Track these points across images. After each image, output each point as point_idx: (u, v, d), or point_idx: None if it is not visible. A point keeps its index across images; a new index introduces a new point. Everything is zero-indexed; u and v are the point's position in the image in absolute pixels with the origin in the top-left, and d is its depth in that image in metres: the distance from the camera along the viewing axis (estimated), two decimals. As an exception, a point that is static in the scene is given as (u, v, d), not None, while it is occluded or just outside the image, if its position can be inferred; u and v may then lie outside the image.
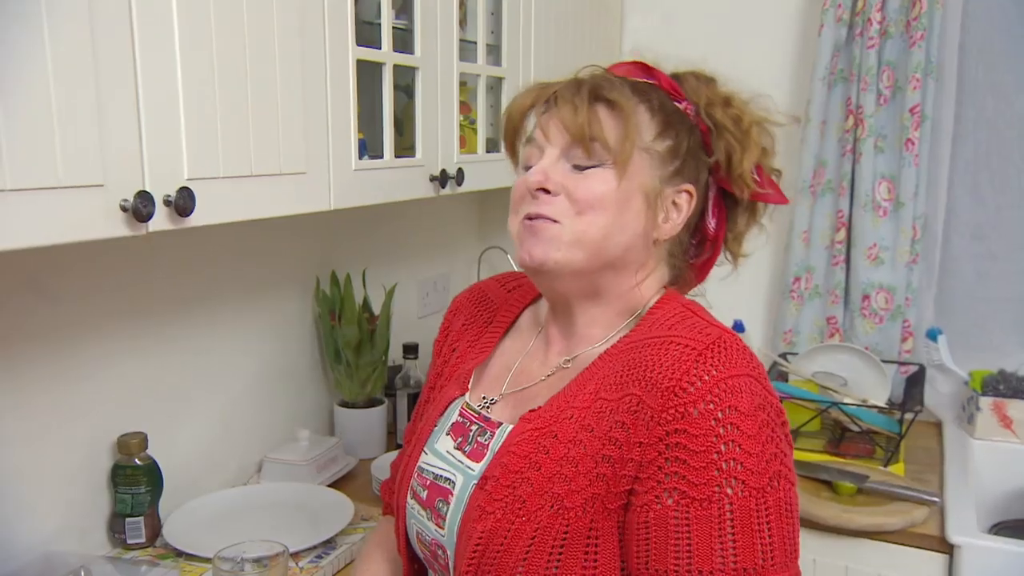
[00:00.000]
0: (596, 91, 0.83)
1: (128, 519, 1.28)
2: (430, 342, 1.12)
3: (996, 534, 1.65)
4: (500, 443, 0.86)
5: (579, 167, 0.83)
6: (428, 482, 0.90)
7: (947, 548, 1.43)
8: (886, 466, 1.68)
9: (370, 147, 1.33)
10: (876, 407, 1.77)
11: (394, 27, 1.29)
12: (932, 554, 1.45)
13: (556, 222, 0.82)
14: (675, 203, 0.87)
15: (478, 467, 0.86)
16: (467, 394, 0.94)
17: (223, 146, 0.98)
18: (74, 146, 0.80)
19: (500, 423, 0.88)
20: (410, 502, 0.92)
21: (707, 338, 0.78)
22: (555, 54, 1.78)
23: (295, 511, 1.40)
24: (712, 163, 0.89)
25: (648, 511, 0.75)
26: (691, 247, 0.93)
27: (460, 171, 1.46)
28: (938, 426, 1.94)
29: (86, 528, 1.27)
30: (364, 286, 1.73)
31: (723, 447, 0.73)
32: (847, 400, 1.78)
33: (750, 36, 2.09)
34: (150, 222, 0.88)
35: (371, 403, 1.72)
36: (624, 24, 2.16)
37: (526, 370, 0.93)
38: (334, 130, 1.17)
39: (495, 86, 1.64)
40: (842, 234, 1.98)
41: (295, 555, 1.25)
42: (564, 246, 0.82)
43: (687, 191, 0.87)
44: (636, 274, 0.87)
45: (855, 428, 1.78)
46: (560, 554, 0.77)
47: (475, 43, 1.53)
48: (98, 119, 0.83)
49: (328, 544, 1.29)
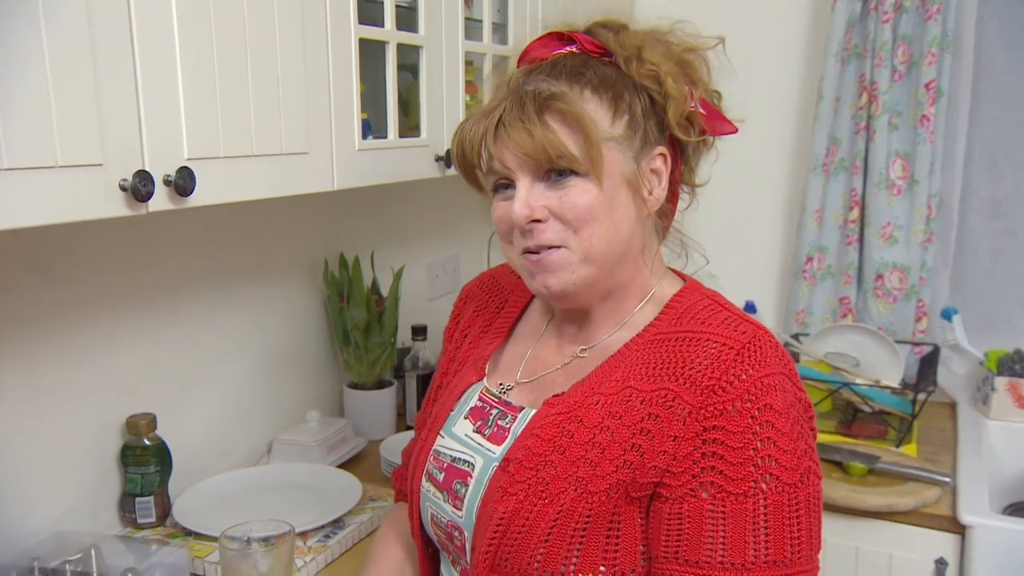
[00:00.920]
0: (541, 103, 0.79)
1: (138, 499, 1.29)
2: (439, 324, 1.12)
3: (1011, 515, 1.63)
4: (523, 426, 0.86)
5: (555, 183, 0.80)
6: (445, 464, 0.90)
7: (959, 529, 1.42)
8: (898, 447, 1.67)
9: (375, 127, 1.33)
10: (889, 387, 1.75)
11: (397, 5, 1.28)
12: (944, 534, 1.44)
13: (560, 247, 0.81)
14: (654, 170, 0.84)
15: (499, 449, 0.86)
16: (485, 379, 0.94)
17: (223, 125, 0.98)
18: (72, 125, 0.80)
19: (522, 407, 0.88)
20: (425, 485, 0.92)
21: (743, 336, 0.79)
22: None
23: (304, 491, 1.41)
24: None
25: (682, 503, 0.77)
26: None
27: (466, 151, 1.45)
28: (952, 407, 1.92)
29: (97, 508, 1.28)
30: (373, 268, 1.73)
31: (759, 444, 0.75)
32: (859, 381, 1.76)
33: (763, 11, 2.06)
34: (150, 202, 0.88)
35: (380, 384, 1.72)
36: (635, 1, 2.13)
37: (540, 357, 0.93)
38: (336, 110, 1.16)
39: (501, 65, 1.62)
40: (855, 213, 1.96)
41: (303, 534, 1.26)
42: (576, 267, 0.81)
43: (660, 154, 0.84)
44: (643, 256, 0.87)
45: (867, 409, 1.76)
46: (582, 538, 0.78)
47: (481, 22, 1.51)
48: (96, 97, 0.82)
49: (336, 524, 1.30)
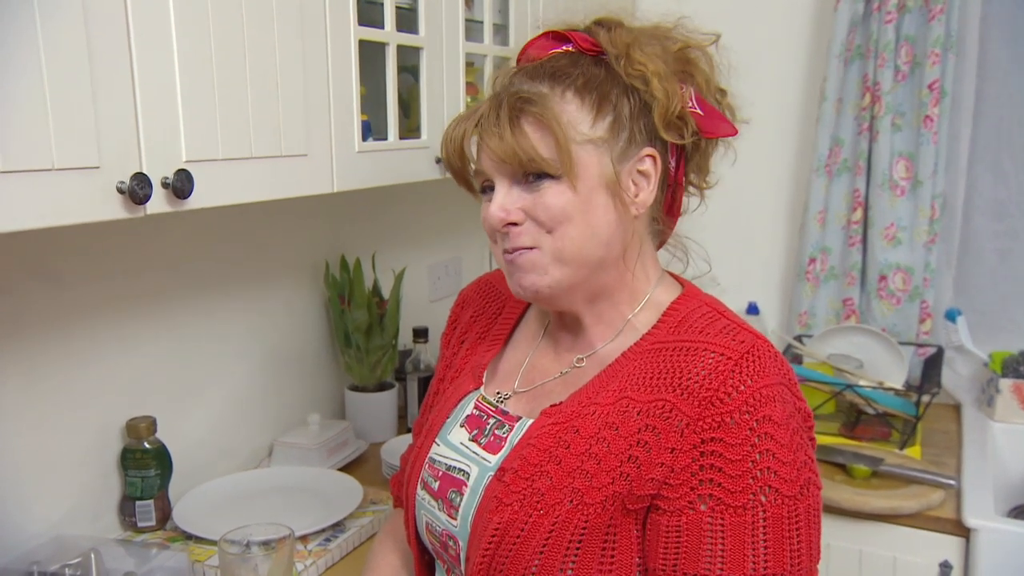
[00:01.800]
0: (515, 108, 0.78)
1: (138, 502, 1.29)
2: (441, 326, 1.11)
3: (1016, 518, 1.62)
4: (519, 436, 0.85)
5: (531, 186, 0.80)
6: (440, 473, 0.89)
7: (964, 532, 1.41)
8: (902, 449, 1.66)
9: (375, 129, 1.32)
10: (892, 389, 1.74)
11: (397, 6, 1.27)
12: (949, 537, 1.43)
13: (533, 248, 0.81)
14: (641, 172, 0.82)
15: (495, 459, 0.85)
16: (482, 388, 0.93)
17: (222, 128, 0.97)
18: (69, 127, 0.80)
19: (519, 417, 0.87)
20: (420, 493, 0.92)
21: (741, 346, 0.78)
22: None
23: (305, 495, 1.40)
24: None
25: (680, 516, 0.76)
26: (665, 198, 0.89)
27: (466, 153, 1.45)
28: (957, 409, 1.91)
29: (97, 511, 1.28)
30: (374, 270, 1.73)
31: (758, 456, 0.74)
32: (863, 382, 1.76)
33: (765, 12, 2.05)
34: (148, 204, 0.88)
35: (381, 387, 1.72)
36: (637, 1, 2.12)
37: (538, 366, 0.92)
38: (336, 112, 1.16)
39: (502, 67, 1.62)
40: (859, 214, 1.95)
41: (304, 538, 1.25)
42: (548, 267, 0.81)
43: (649, 155, 0.82)
44: (626, 259, 0.85)
45: (871, 411, 1.75)
46: (578, 549, 0.77)
47: (482, 23, 1.51)
48: (93, 99, 0.82)
49: (337, 527, 1.29)
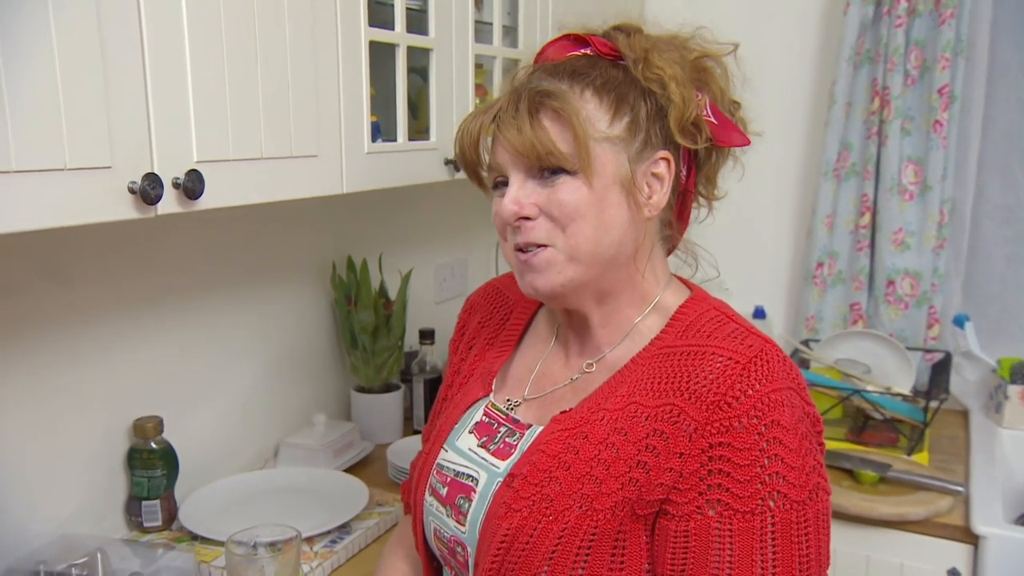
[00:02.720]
0: (535, 101, 0.79)
1: (144, 502, 1.29)
2: (447, 328, 1.11)
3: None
4: (529, 443, 0.85)
5: (546, 181, 0.80)
6: (448, 479, 0.89)
7: (972, 539, 1.41)
8: (910, 455, 1.65)
9: (384, 130, 1.32)
10: (900, 395, 1.73)
11: (408, 8, 1.27)
12: (957, 544, 1.43)
13: (547, 246, 0.81)
14: (655, 174, 0.82)
15: (504, 465, 0.85)
16: (491, 395, 0.93)
17: (233, 128, 0.97)
18: (81, 127, 0.80)
19: (530, 424, 0.87)
20: (428, 499, 0.91)
21: (749, 350, 0.78)
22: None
23: (311, 496, 1.40)
24: None
25: (689, 521, 0.75)
26: (675, 203, 0.89)
27: (475, 154, 1.44)
28: (964, 415, 1.90)
29: (103, 511, 1.28)
30: (380, 271, 1.73)
31: (766, 461, 0.74)
32: (870, 388, 1.75)
33: (775, 15, 2.05)
34: (159, 205, 0.88)
35: (387, 388, 1.71)
36: (645, 2, 2.12)
37: (548, 373, 0.91)
38: (346, 113, 1.16)
39: (511, 68, 1.61)
40: (867, 218, 1.94)
41: (310, 539, 1.25)
42: (562, 266, 0.81)
43: (663, 158, 0.82)
44: (637, 260, 0.85)
45: (878, 416, 1.74)
46: (587, 556, 0.77)
47: (491, 24, 1.50)
48: (105, 100, 0.82)
49: (343, 529, 1.29)
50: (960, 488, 1.49)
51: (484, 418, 0.91)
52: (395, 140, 1.30)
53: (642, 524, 0.78)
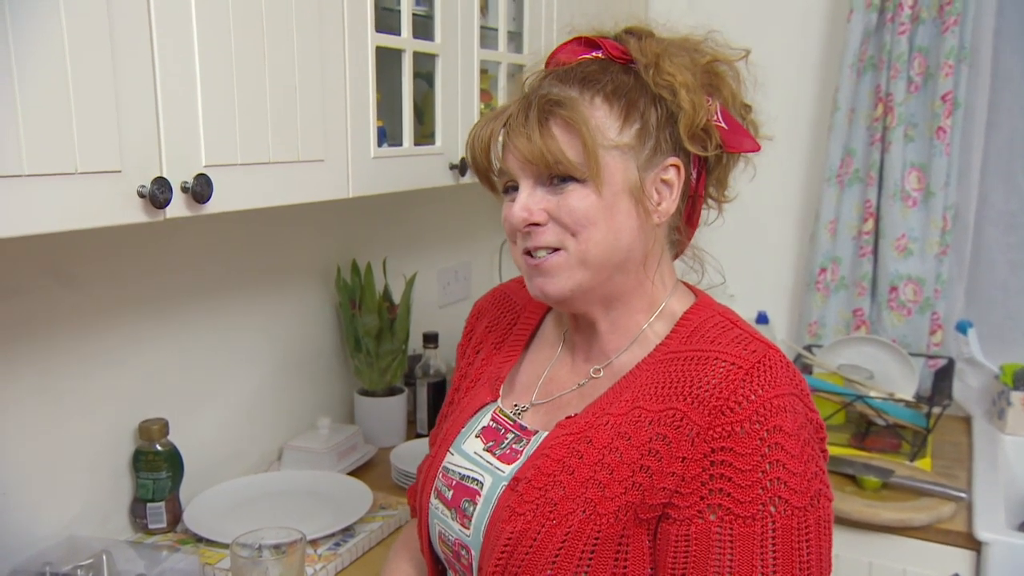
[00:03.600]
0: (544, 109, 0.79)
1: (149, 504, 1.29)
2: (451, 331, 1.12)
3: (1026, 531, 1.62)
4: (535, 448, 0.85)
5: (556, 188, 0.81)
6: (454, 482, 0.89)
7: (975, 545, 1.41)
8: (912, 461, 1.66)
9: (390, 135, 1.33)
10: (903, 401, 1.74)
11: (414, 14, 1.28)
12: (959, 551, 1.43)
13: (559, 250, 0.81)
14: (664, 181, 0.82)
15: (509, 469, 0.85)
16: (499, 400, 0.93)
17: (241, 133, 0.98)
18: (91, 132, 0.80)
19: (536, 431, 0.87)
20: (433, 502, 0.92)
21: (752, 356, 0.78)
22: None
23: (315, 499, 1.40)
24: None
25: (690, 525, 0.76)
26: (685, 208, 0.89)
27: (480, 160, 1.45)
28: (967, 421, 1.90)
29: (108, 513, 1.28)
30: (384, 275, 1.73)
31: (768, 466, 0.74)
32: (873, 394, 1.75)
33: (778, 22, 2.06)
34: (167, 208, 0.88)
35: (391, 392, 1.72)
36: (649, 8, 2.13)
37: (556, 378, 0.92)
38: (353, 117, 1.16)
39: (516, 74, 1.62)
40: (870, 224, 1.95)
41: (313, 542, 1.26)
42: (572, 271, 0.81)
43: (673, 165, 0.82)
44: (646, 267, 0.85)
45: (881, 422, 1.75)
46: (590, 560, 0.77)
47: (496, 30, 1.51)
48: (115, 105, 0.83)
49: (347, 532, 1.30)
50: (963, 494, 1.49)
51: (492, 423, 0.91)
52: (401, 145, 1.30)
53: (645, 528, 0.78)
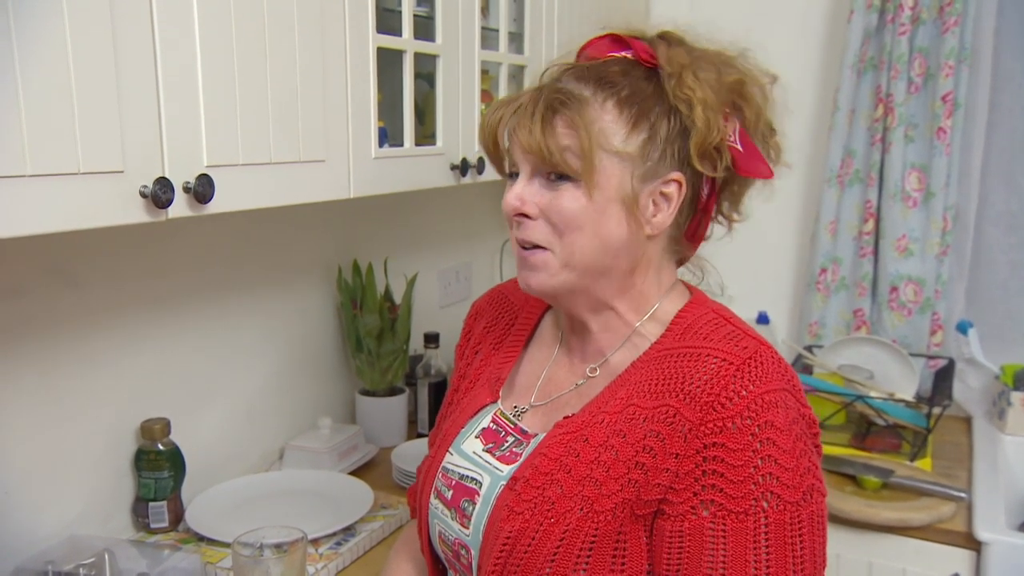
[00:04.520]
0: (551, 105, 0.79)
1: (151, 503, 1.29)
2: (452, 331, 1.12)
3: (1026, 531, 1.62)
4: (533, 449, 0.85)
5: (552, 184, 0.81)
6: (453, 482, 0.90)
7: (975, 545, 1.41)
8: (913, 461, 1.66)
9: (391, 135, 1.33)
10: (903, 401, 1.74)
11: (415, 15, 1.29)
12: (959, 550, 1.43)
13: (545, 249, 0.81)
14: (663, 194, 0.81)
15: (508, 468, 0.86)
16: (499, 402, 0.93)
17: (242, 133, 0.98)
18: (94, 132, 0.81)
19: (536, 434, 0.88)
20: (433, 502, 0.92)
21: (744, 352, 0.78)
22: (579, 42, 1.75)
23: (316, 498, 1.41)
24: None
25: (683, 521, 0.76)
26: (690, 219, 0.87)
27: (481, 160, 1.45)
28: (968, 421, 1.90)
29: (110, 512, 1.29)
30: (386, 275, 1.73)
31: (760, 462, 0.74)
32: (873, 394, 1.75)
33: (779, 21, 2.06)
34: (169, 208, 0.89)
35: (392, 392, 1.72)
36: (651, 10, 2.13)
37: (554, 379, 0.92)
38: (354, 118, 1.17)
39: (517, 75, 1.63)
40: (870, 225, 1.95)
41: (315, 541, 1.26)
42: (555, 270, 0.82)
43: (675, 180, 0.81)
44: (634, 275, 0.85)
45: (881, 422, 1.75)
46: (588, 557, 0.77)
47: (497, 31, 1.52)
48: (118, 106, 0.83)
49: (348, 531, 1.30)
50: (963, 494, 1.49)
51: (492, 425, 0.92)
52: (402, 145, 1.31)
53: (642, 525, 0.78)
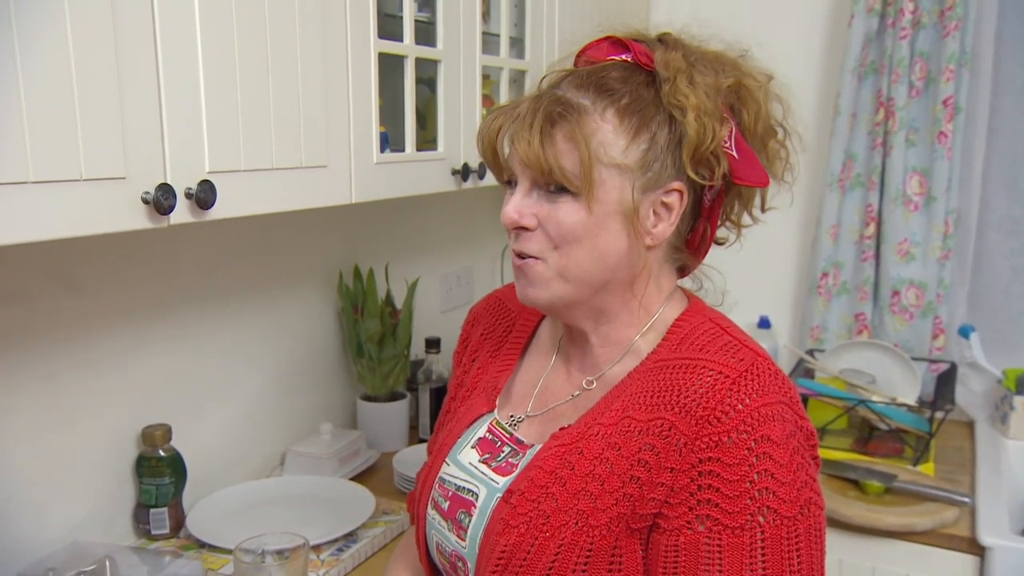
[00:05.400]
0: (550, 115, 0.77)
1: (152, 510, 1.29)
2: (453, 337, 1.12)
3: (1029, 536, 1.61)
4: (529, 460, 0.85)
5: (551, 195, 0.79)
6: (450, 493, 0.89)
7: (978, 550, 1.41)
8: (915, 465, 1.65)
9: (392, 140, 1.33)
10: (905, 405, 1.73)
11: (416, 20, 1.29)
12: (962, 555, 1.43)
13: (540, 260, 0.81)
14: (664, 204, 0.80)
15: (504, 480, 0.85)
16: (495, 411, 0.93)
17: (244, 139, 0.98)
18: (96, 139, 0.81)
19: (532, 444, 0.87)
20: (430, 512, 0.91)
21: (740, 364, 0.77)
22: (579, 45, 1.76)
23: (317, 504, 1.40)
24: None
25: (679, 536, 0.75)
26: (695, 227, 0.86)
27: (482, 165, 1.46)
28: (970, 425, 1.90)
29: (111, 518, 1.28)
30: (387, 280, 1.73)
31: (756, 476, 0.73)
32: (875, 398, 1.75)
33: (779, 26, 2.06)
34: (171, 215, 0.89)
35: (393, 397, 1.72)
36: (651, 14, 2.13)
37: (551, 388, 0.91)
38: (355, 123, 1.17)
39: (518, 79, 1.63)
40: (872, 229, 1.95)
41: (316, 548, 1.26)
42: (551, 282, 0.81)
43: (676, 190, 0.80)
44: (633, 286, 0.84)
45: (884, 427, 1.75)
46: (584, 571, 0.77)
47: (498, 36, 1.52)
48: (120, 112, 0.83)
49: (349, 537, 1.30)
50: (966, 499, 1.48)
51: (488, 435, 0.91)
52: (403, 150, 1.31)
53: (638, 539, 0.78)
